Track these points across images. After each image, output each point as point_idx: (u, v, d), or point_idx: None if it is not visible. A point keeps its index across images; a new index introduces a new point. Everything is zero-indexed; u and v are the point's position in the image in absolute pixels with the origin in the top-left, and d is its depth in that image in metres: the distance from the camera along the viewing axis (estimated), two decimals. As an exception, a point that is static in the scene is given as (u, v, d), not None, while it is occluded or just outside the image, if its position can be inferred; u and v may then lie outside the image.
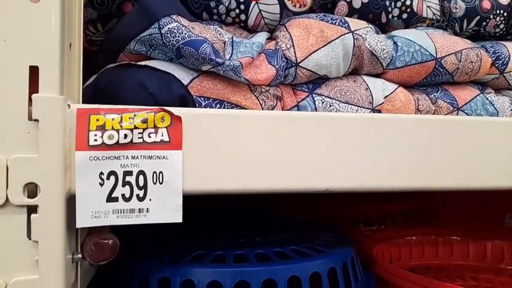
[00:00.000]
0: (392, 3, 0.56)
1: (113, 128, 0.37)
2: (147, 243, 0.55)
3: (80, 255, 0.39)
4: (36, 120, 0.34)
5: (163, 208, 0.38)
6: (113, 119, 0.37)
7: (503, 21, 0.62)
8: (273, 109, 0.48)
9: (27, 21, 0.35)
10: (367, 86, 0.53)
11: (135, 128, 0.37)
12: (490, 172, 0.48)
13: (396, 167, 0.44)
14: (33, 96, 0.34)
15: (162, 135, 0.38)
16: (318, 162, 0.42)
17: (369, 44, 0.52)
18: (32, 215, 0.35)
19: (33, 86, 0.35)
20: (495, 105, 0.61)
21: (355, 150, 0.43)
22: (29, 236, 0.35)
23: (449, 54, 0.56)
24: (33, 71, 0.35)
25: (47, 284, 0.35)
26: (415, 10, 0.58)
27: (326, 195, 0.83)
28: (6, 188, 0.34)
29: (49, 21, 0.35)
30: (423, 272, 0.68)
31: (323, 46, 0.49)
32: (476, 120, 0.50)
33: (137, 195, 0.37)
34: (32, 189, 0.35)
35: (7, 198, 0.34)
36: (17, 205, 0.35)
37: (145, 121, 0.37)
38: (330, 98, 0.50)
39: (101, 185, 0.37)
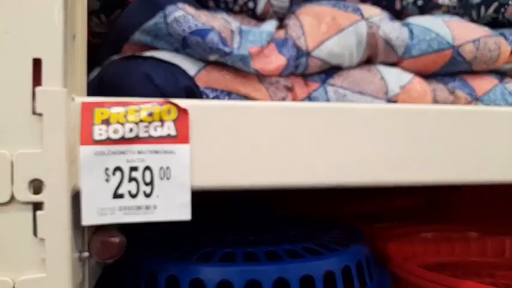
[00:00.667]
0: None
1: (118, 122, 0.37)
2: (154, 239, 0.56)
3: (87, 253, 0.39)
4: (40, 114, 0.35)
5: (171, 205, 0.38)
6: (118, 113, 0.37)
7: None
8: (283, 100, 0.48)
9: (29, 13, 0.35)
10: (382, 76, 0.53)
11: (141, 121, 0.37)
12: (508, 166, 0.48)
13: (415, 161, 0.44)
14: (37, 89, 0.35)
15: (169, 129, 0.38)
16: (334, 156, 0.42)
17: (383, 32, 0.52)
18: (38, 212, 0.35)
19: (37, 79, 0.35)
20: None
21: (371, 143, 0.43)
22: (35, 233, 0.35)
23: (467, 42, 0.56)
24: (37, 64, 0.35)
25: (55, 283, 0.36)
26: None
27: (335, 191, 0.83)
28: (12, 185, 0.35)
29: (52, 13, 0.35)
30: (438, 269, 0.68)
31: (335, 34, 0.49)
32: (499, 110, 0.50)
33: (144, 192, 0.37)
34: (36, 186, 0.35)
35: (12, 195, 0.35)
36: (22, 202, 0.35)
37: (151, 114, 0.37)
38: (343, 88, 0.50)
39: (107, 181, 0.37)
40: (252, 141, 0.40)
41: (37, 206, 0.35)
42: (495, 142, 0.47)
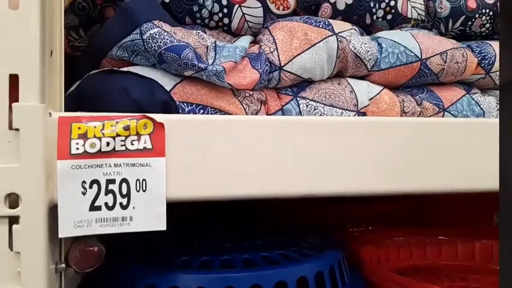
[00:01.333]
0: (377, 5, 0.57)
1: (94, 136, 0.37)
2: (133, 249, 0.56)
3: (63, 265, 0.40)
4: (17, 129, 0.35)
5: (147, 216, 0.39)
6: (95, 127, 0.37)
7: (489, 21, 0.64)
8: (257, 113, 0.48)
9: (6, 29, 0.35)
10: (352, 88, 0.54)
11: (118, 135, 0.37)
12: (478, 174, 0.49)
13: (383, 171, 0.45)
14: (14, 105, 0.35)
15: (145, 143, 0.38)
16: (303, 167, 0.42)
17: (353, 46, 0.53)
18: (14, 226, 0.35)
19: (14, 94, 0.35)
20: (481, 106, 0.62)
21: (343, 154, 0.44)
22: (10, 247, 0.35)
23: (434, 55, 0.57)
24: (13, 79, 0.35)
25: (30, 296, 0.36)
26: (400, 11, 0.59)
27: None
28: (-12, 199, 0.35)
29: (28, 28, 0.35)
30: (411, 273, 0.69)
31: (307, 49, 0.50)
32: (463, 121, 0.51)
33: (120, 204, 0.38)
34: (13, 200, 0.35)
35: (-12, 210, 0.35)
36: (-2, 216, 0.35)
37: (127, 128, 0.38)
38: (315, 101, 0.51)
39: (84, 193, 0.37)
40: (226, 153, 0.41)
41: (13, 220, 0.35)
42: (463, 152, 0.48)
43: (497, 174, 0.49)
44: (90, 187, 0.37)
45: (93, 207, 0.37)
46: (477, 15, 0.63)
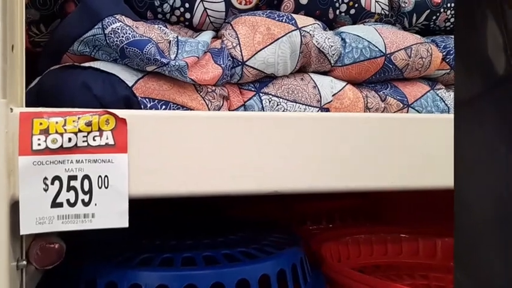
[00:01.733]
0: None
1: (56, 132, 0.40)
2: (95, 246, 0.60)
3: (24, 262, 0.43)
4: (-22, 125, 0.38)
5: (109, 213, 0.42)
6: (57, 123, 0.41)
7: (453, 15, 0.68)
8: (219, 109, 0.53)
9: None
10: (315, 84, 0.58)
11: (80, 131, 0.41)
12: (443, 170, 0.53)
13: (346, 168, 0.49)
14: (-25, 100, 0.38)
15: (107, 139, 0.42)
16: (266, 164, 0.47)
17: (317, 41, 0.58)
18: (-24, 223, 0.38)
19: (-26, 90, 0.38)
20: (446, 102, 0.67)
21: (304, 150, 0.48)
22: (-28, 244, 0.39)
23: (398, 50, 0.62)
24: (-26, 75, 0.38)
25: (-7, 292, 0.39)
26: (363, 5, 0.64)
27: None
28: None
29: (-12, 23, 0.38)
30: (372, 270, 0.74)
31: (270, 44, 0.55)
32: (428, 117, 0.56)
33: (82, 200, 0.41)
34: (-25, 196, 0.38)
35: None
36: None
37: (89, 124, 0.41)
38: (277, 96, 0.56)
39: (45, 190, 0.40)
40: (189, 150, 0.45)
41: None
42: (427, 148, 0.53)
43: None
44: (52, 183, 0.40)
45: (55, 204, 0.40)
46: (442, 10, 0.68)
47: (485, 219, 0.64)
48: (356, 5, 0.63)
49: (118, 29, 0.47)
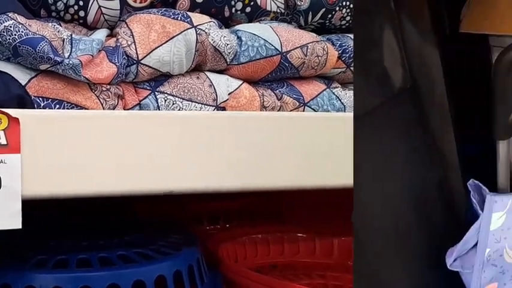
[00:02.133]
0: None
1: None
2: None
3: None
4: None
5: (2, 214, 0.45)
6: None
7: (349, 13, 0.77)
8: (114, 108, 0.57)
9: None
10: (211, 82, 0.64)
11: (-29, 131, 0.44)
12: (338, 169, 0.60)
13: (242, 167, 0.56)
14: None
15: (0, 139, 0.46)
16: (161, 164, 0.52)
17: (212, 39, 0.63)
18: None
19: None
20: (342, 100, 0.75)
21: (199, 150, 0.54)
22: None
23: (294, 48, 0.69)
24: None
25: None
26: (259, 3, 0.70)
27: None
28: None
29: None
30: (270, 270, 0.81)
31: (165, 42, 0.60)
32: (324, 116, 0.63)
33: (-26, 201, 0.44)
34: None
35: None
36: None
37: (-19, 123, 0.44)
38: (173, 95, 0.61)
39: None
40: (83, 149, 0.49)
41: None
42: (323, 147, 0.60)
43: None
44: None
45: None
46: (337, 8, 0.75)
47: (385, 231, 0.72)
48: (252, 3, 0.70)
49: (11, 26, 0.51)
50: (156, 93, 0.61)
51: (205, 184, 0.55)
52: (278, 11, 0.73)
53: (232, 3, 0.69)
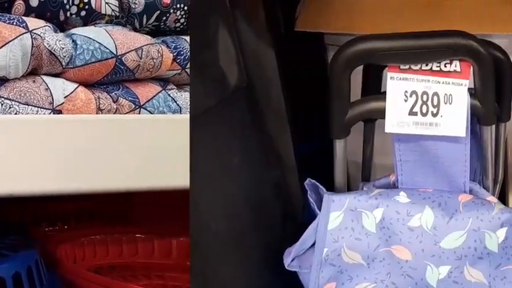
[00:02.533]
0: (70, 1, 0.76)
1: None
2: None
3: None
4: None
5: None
6: None
7: (183, 16, 0.86)
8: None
9: None
10: (47, 86, 0.71)
11: None
12: (174, 171, 0.68)
13: (78, 170, 0.62)
14: None
15: None
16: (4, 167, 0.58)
17: (48, 43, 0.71)
18: None
19: None
20: (178, 102, 0.84)
21: (36, 153, 0.60)
22: None
23: (130, 51, 0.78)
24: None
25: None
26: (94, 7, 0.78)
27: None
28: None
29: None
30: (108, 271, 0.88)
31: (1, 47, 0.67)
32: (159, 118, 0.72)
33: None
34: None
35: None
36: None
37: None
38: (10, 99, 0.68)
39: None
40: None
41: None
42: (159, 149, 0.68)
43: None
44: None
45: None
46: (172, 11, 0.85)
47: (221, 232, 0.79)
48: (86, 7, 0.77)
49: None
50: (-8, 97, 0.67)
51: (41, 187, 0.61)
52: (113, 14, 0.81)
53: (67, 7, 0.77)
